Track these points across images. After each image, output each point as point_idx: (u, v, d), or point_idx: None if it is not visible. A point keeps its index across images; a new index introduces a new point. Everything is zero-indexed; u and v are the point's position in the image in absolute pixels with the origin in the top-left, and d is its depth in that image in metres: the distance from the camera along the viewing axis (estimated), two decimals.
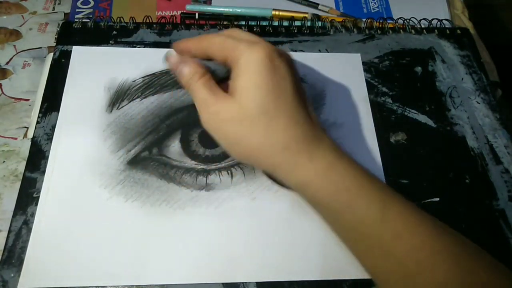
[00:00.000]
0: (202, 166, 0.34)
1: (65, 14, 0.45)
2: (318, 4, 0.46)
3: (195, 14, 0.44)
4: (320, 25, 0.43)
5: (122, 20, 0.41)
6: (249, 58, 0.27)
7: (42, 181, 0.32)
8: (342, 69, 0.40)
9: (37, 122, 0.35)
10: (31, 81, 0.40)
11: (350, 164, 0.27)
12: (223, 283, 0.29)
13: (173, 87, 0.37)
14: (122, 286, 0.29)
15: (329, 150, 0.27)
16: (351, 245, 0.28)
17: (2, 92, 0.39)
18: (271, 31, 0.42)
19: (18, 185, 0.32)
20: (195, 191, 0.33)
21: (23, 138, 0.37)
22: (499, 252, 0.32)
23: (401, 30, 0.43)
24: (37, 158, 0.33)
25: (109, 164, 0.33)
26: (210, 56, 0.29)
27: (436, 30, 0.43)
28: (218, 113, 0.27)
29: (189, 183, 0.33)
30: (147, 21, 0.42)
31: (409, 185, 0.34)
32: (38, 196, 0.32)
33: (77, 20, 0.41)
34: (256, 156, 0.27)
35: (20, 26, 0.44)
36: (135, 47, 0.40)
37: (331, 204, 0.27)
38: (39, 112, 0.36)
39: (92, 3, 0.45)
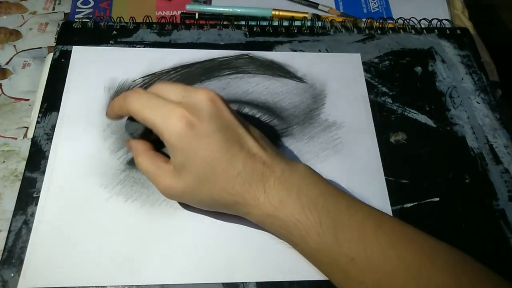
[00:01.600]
0: None
1: (65, 14, 0.45)
2: (318, 4, 0.46)
3: (195, 14, 0.44)
4: (320, 25, 0.43)
5: (122, 20, 0.41)
6: (169, 137, 0.27)
7: (42, 181, 0.32)
8: (342, 69, 0.40)
9: (37, 122, 0.35)
10: (31, 81, 0.40)
11: (299, 194, 0.27)
12: (223, 283, 0.29)
13: None
14: (122, 286, 0.29)
15: (278, 184, 0.27)
16: (314, 265, 0.29)
17: (2, 92, 0.39)
18: (271, 31, 0.42)
19: (18, 185, 0.32)
20: None
21: (23, 138, 0.37)
22: (499, 252, 0.32)
23: (401, 30, 0.43)
24: (37, 158, 0.33)
25: (109, 164, 0.33)
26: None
27: (436, 30, 0.43)
28: (170, 188, 0.29)
29: None
30: (147, 21, 0.42)
31: (409, 185, 0.34)
32: (38, 196, 0.32)
33: (77, 20, 0.41)
34: (219, 207, 0.29)
35: (20, 26, 0.44)
36: (135, 47, 0.40)
37: (286, 237, 0.28)
38: (39, 112, 0.36)
39: (92, 3, 0.45)
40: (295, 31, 0.42)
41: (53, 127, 0.35)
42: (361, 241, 0.26)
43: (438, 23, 0.44)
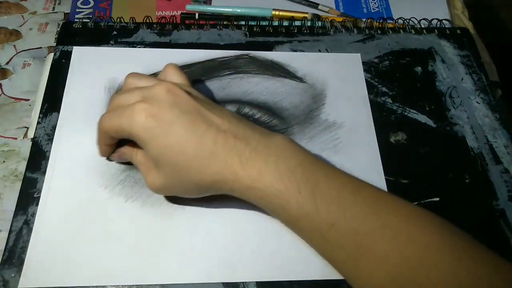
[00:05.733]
0: None
1: (65, 14, 0.45)
2: (318, 4, 0.46)
3: (195, 14, 0.44)
4: (320, 25, 0.43)
5: (122, 20, 0.41)
6: (137, 132, 0.28)
7: (43, 181, 0.32)
8: (342, 69, 0.40)
9: (38, 123, 0.35)
10: (31, 81, 0.40)
11: (277, 164, 0.27)
12: (223, 283, 0.29)
13: None
14: (122, 286, 0.29)
15: (254, 155, 0.27)
16: (296, 233, 0.29)
17: (2, 92, 0.39)
18: (271, 31, 0.42)
19: (18, 185, 0.32)
20: None
21: (23, 138, 0.37)
22: (499, 252, 0.32)
23: (401, 30, 0.43)
24: (37, 158, 0.33)
25: (109, 164, 0.33)
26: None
27: (436, 30, 0.43)
28: (153, 183, 0.29)
29: None
30: (147, 21, 0.42)
31: (409, 185, 0.34)
32: (39, 196, 0.32)
33: (77, 20, 0.41)
34: (205, 191, 0.29)
35: (20, 26, 0.44)
36: (135, 47, 0.40)
37: (267, 207, 0.28)
38: (40, 113, 0.36)
39: (92, 3, 0.45)
40: (295, 31, 0.42)
41: (54, 127, 0.35)
42: (340, 206, 0.26)
43: (438, 23, 0.44)
